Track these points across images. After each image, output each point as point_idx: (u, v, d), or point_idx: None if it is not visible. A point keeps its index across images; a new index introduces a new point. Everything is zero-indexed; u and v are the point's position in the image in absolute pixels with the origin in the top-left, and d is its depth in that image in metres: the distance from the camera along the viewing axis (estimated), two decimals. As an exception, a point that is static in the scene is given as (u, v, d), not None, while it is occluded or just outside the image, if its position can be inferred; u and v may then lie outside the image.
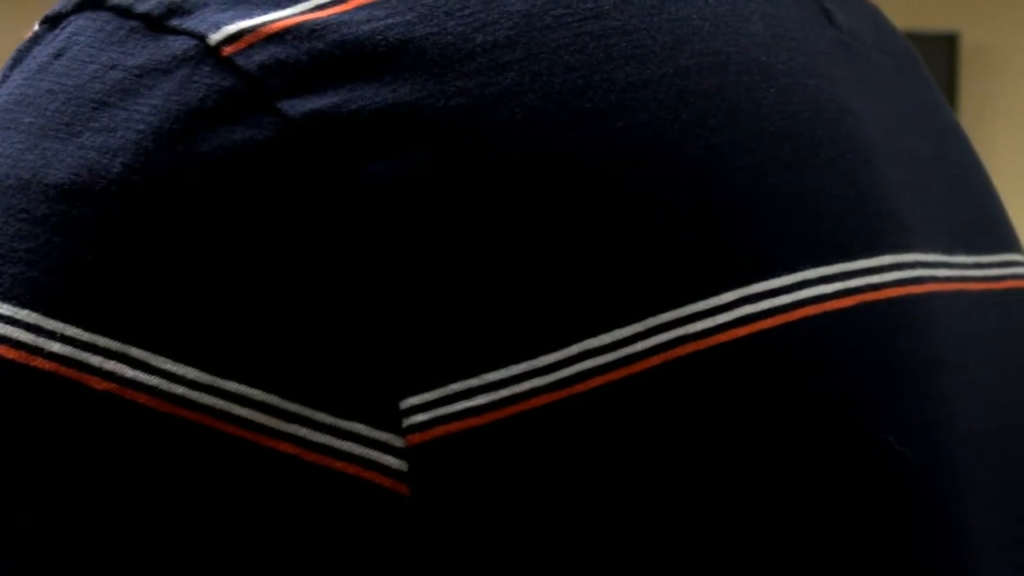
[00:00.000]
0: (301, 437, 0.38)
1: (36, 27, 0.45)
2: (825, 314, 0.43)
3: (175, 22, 0.41)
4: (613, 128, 0.41)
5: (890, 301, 0.45)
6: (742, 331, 0.41)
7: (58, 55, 0.42)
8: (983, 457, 0.48)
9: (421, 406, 0.38)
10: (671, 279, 0.41)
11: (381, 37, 0.40)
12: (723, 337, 0.41)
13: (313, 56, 0.40)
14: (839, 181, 0.45)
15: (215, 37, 0.40)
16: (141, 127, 0.39)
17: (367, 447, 0.38)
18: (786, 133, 0.44)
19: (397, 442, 0.38)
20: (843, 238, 0.45)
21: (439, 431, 0.38)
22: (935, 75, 4.71)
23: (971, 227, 0.53)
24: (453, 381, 0.39)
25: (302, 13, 0.41)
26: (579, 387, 0.39)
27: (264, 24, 0.40)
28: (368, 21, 0.41)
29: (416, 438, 0.38)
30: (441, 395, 0.38)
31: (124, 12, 0.42)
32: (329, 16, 0.41)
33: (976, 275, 0.52)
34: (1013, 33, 4.90)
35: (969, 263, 0.51)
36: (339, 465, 0.38)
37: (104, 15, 0.42)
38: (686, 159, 0.42)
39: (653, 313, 0.40)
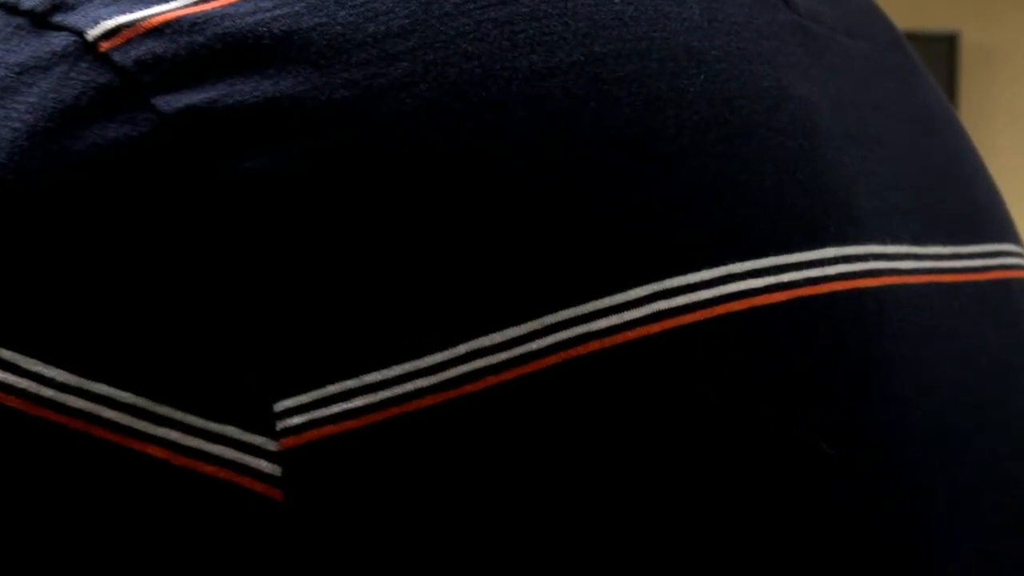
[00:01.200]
0: (171, 441, 0.37)
1: None
2: (753, 310, 0.41)
3: (58, 18, 0.40)
4: (512, 119, 0.39)
5: (833, 295, 0.43)
6: (653, 328, 0.40)
7: None
8: (953, 458, 0.46)
9: (296, 408, 0.37)
10: (572, 275, 0.39)
11: (265, 29, 0.39)
12: (631, 335, 0.39)
13: (192, 50, 0.39)
14: (775, 171, 0.43)
15: (93, 32, 0.39)
16: (17, 125, 0.38)
17: (239, 451, 0.37)
18: (714, 122, 0.43)
19: (271, 446, 0.37)
20: (778, 230, 0.43)
21: (313, 434, 0.37)
22: (935, 75, 4.70)
23: (952, 216, 0.51)
24: (330, 383, 0.37)
25: (185, 6, 0.40)
26: (468, 387, 0.38)
27: (144, 19, 0.39)
28: (253, 13, 0.39)
29: (289, 441, 0.37)
30: (317, 397, 0.37)
31: (11, 9, 0.41)
32: (213, 9, 0.40)
33: (953, 266, 0.49)
34: (1013, 33, 4.89)
35: (945, 254, 0.49)
36: (209, 469, 0.37)
37: None
38: (592, 151, 0.40)
39: (552, 310, 0.39)
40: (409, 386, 0.37)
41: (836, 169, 0.46)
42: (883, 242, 0.46)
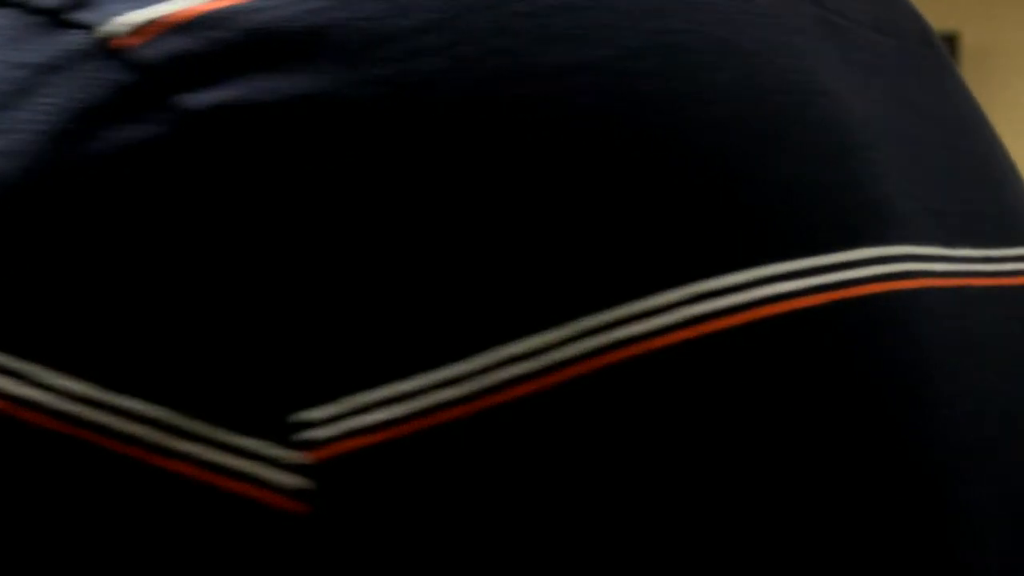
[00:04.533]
0: (192, 455, 0.36)
1: None
2: (790, 313, 0.40)
3: (74, 15, 0.39)
4: (543, 116, 0.38)
5: (869, 298, 0.42)
6: (688, 333, 0.38)
7: None
8: (985, 467, 0.45)
9: (323, 420, 0.36)
10: (601, 279, 0.38)
11: (292, 25, 0.38)
12: (663, 341, 0.38)
13: (217, 46, 0.37)
14: (808, 169, 0.42)
15: (110, 29, 0.38)
16: (38, 128, 0.37)
17: (261, 465, 0.36)
18: (745, 117, 0.41)
19: (296, 459, 0.36)
20: (813, 231, 0.42)
21: (343, 446, 0.36)
22: (935, 76, 4.70)
23: (983, 219, 0.49)
24: (357, 392, 0.36)
25: (207, 1, 0.38)
26: (498, 398, 0.36)
27: (164, 15, 0.38)
28: (281, 7, 0.38)
29: (318, 454, 0.36)
30: (345, 408, 0.36)
31: (27, 8, 0.40)
32: (238, 4, 0.38)
33: (984, 270, 0.48)
34: (1013, 33, 4.88)
35: (976, 257, 0.48)
36: (230, 484, 0.36)
37: (12, 12, 0.40)
38: (622, 148, 0.39)
39: (581, 316, 0.37)
40: (439, 396, 0.36)
41: (869, 167, 0.44)
42: (917, 242, 0.45)
